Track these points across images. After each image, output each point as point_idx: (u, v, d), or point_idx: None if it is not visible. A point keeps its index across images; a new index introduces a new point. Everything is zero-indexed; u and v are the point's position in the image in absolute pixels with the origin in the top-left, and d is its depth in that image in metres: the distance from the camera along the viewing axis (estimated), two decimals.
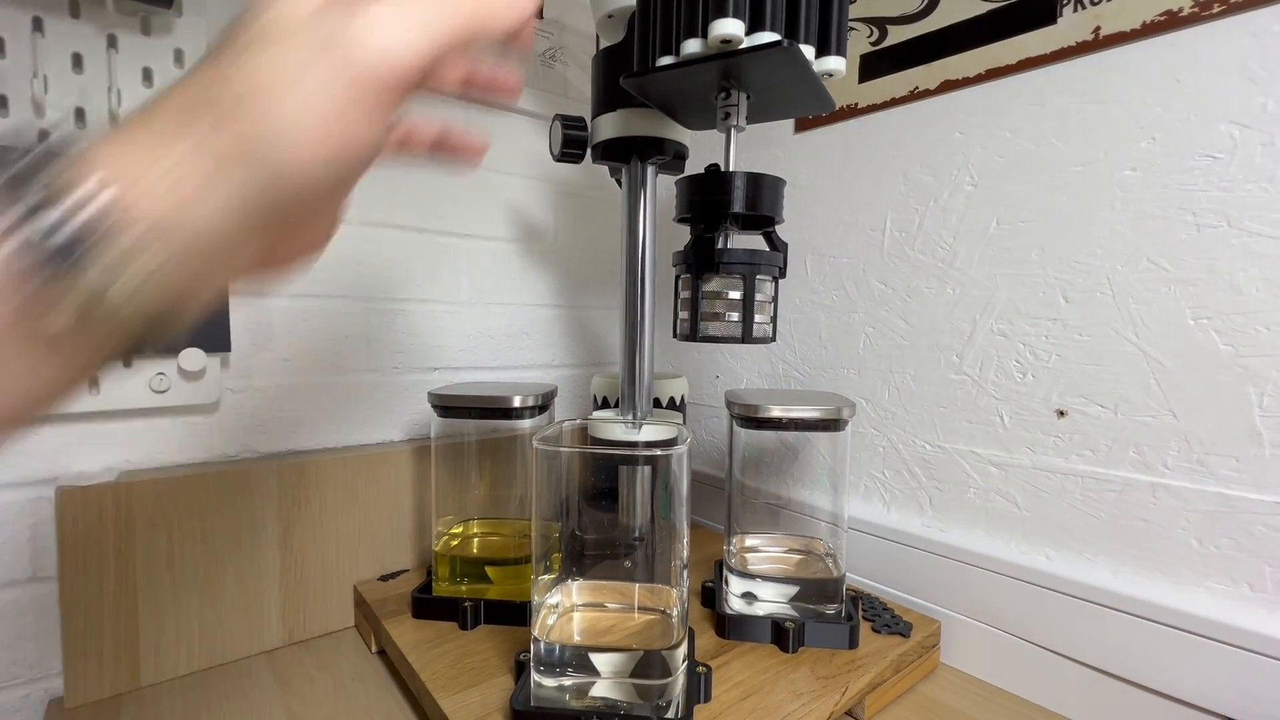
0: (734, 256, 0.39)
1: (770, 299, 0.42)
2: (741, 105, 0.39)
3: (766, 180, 0.40)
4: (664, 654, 0.39)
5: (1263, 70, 0.40)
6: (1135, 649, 0.44)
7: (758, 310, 0.40)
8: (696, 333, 0.41)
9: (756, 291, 0.40)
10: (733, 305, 0.40)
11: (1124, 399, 0.46)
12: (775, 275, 0.41)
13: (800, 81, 0.37)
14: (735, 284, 0.40)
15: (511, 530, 0.58)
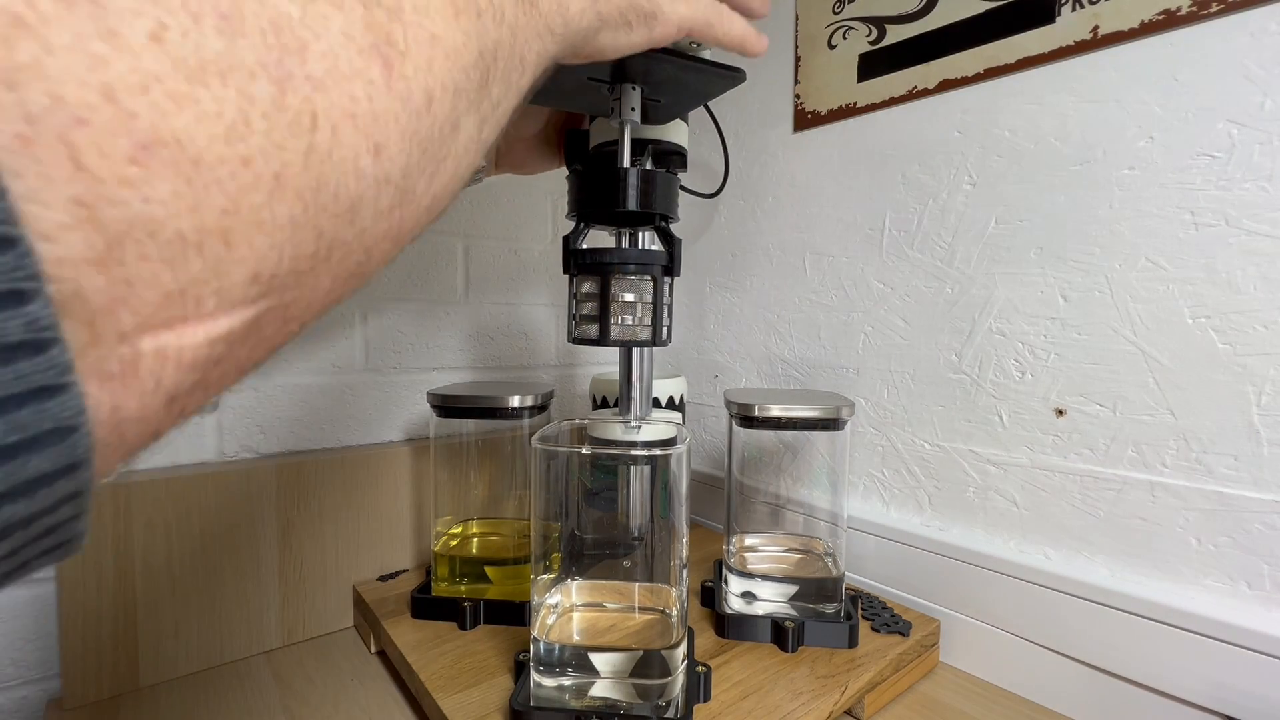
0: (590, 257, 0.37)
1: (645, 300, 0.39)
2: (627, 98, 0.37)
3: (659, 177, 0.38)
4: (663, 654, 0.39)
5: (1261, 69, 0.40)
6: (1133, 647, 0.44)
7: (624, 311, 0.38)
8: (569, 334, 0.40)
9: (627, 292, 0.38)
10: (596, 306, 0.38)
11: (1122, 398, 0.46)
12: (655, 275, 0.38)
13: (684, 69, 0.34)
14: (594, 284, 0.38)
15: (511, 530, 0.58)
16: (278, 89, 0.12)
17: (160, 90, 0.10)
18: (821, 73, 0.65)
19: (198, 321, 0.12)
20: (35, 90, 0.09)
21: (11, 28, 0.09)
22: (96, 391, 0.10)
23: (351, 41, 0.13)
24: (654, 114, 0.41)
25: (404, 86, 0.15)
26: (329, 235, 0.14)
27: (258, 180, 0.12)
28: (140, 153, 0.10)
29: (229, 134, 0.11)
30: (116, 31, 0.10)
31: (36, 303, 0.09)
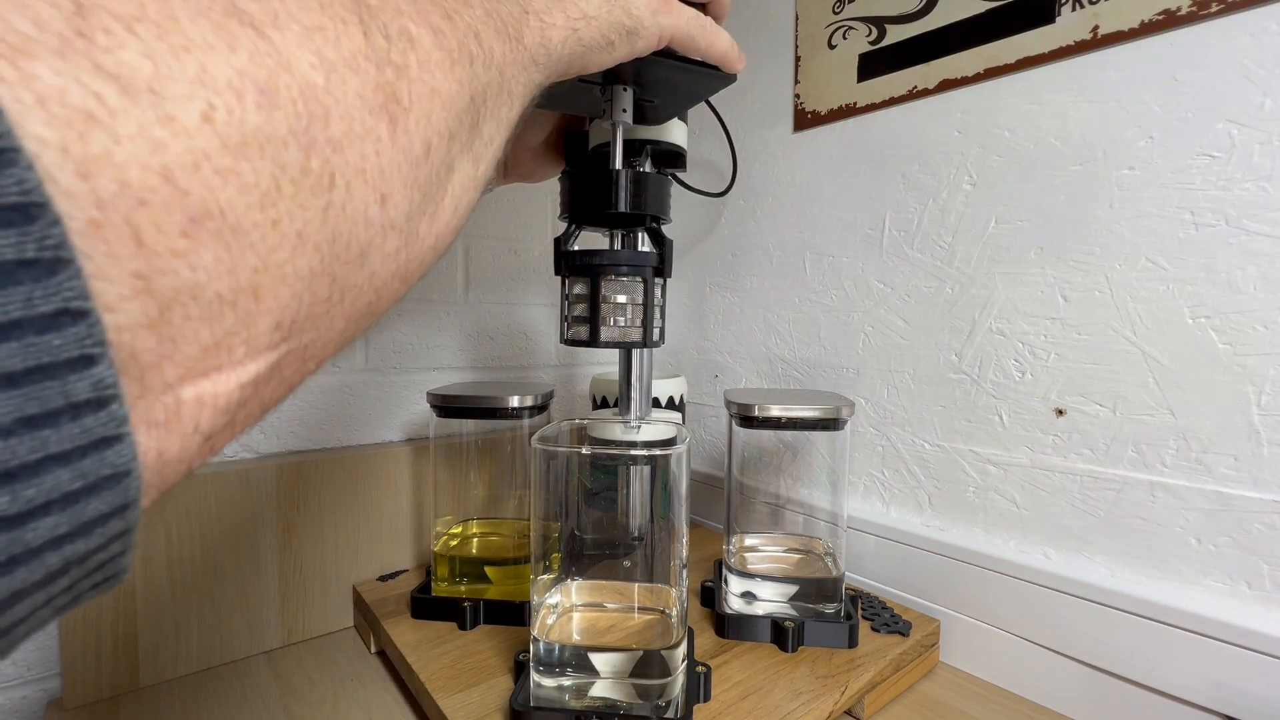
0: (581, 258, 0.37)
1: (636, 301, 0.39)
2: (618, 99, 0.37)
3: (650, 179, 0.38)
4: (663, 654, 0.39)
5: (1260, 69, 0.40)
6: (1133, 647, 0.44)
7: (615, 313, 0.38)
8: (561, 335, 0.40)
9: (618, 293, 0.38)
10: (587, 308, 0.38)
11: (1122, 398, 0.46)
12: (646, 276, 0.38)
13: (674, 70, 0.34)
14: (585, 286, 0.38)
15: (510, 530, 0.58)
16: (304, 155, 0.13)
17: (209, 167, 0.11)
18: (821, 73, 0.65)
19: (230, 369, 0.13)
20: (105, 178, 0.10)
21: (85, 123, 0.09)
22: (144, 438, 0.11)
23: (364, 102, 0.14)
24: (649, 114, 0.41)
25: (406, 140, 0.16)
26: (342, 280, 0.15)
27: (284, 239, 0.13)
28: (190, 226, 0.11)
29: (263, 201, 0.12)
30: (174, 116, 0.11)
31: (101, 365, 0.10)
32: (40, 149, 0.09)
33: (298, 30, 0.13)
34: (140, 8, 0.10)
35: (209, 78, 0.11)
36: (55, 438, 0.09)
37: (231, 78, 0.12)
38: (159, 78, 0.10)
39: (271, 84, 0.12)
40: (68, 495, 0.10)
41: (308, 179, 0.13)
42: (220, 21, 0.12)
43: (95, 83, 0.10)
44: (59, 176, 0.09)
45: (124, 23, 0.10)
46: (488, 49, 0.19)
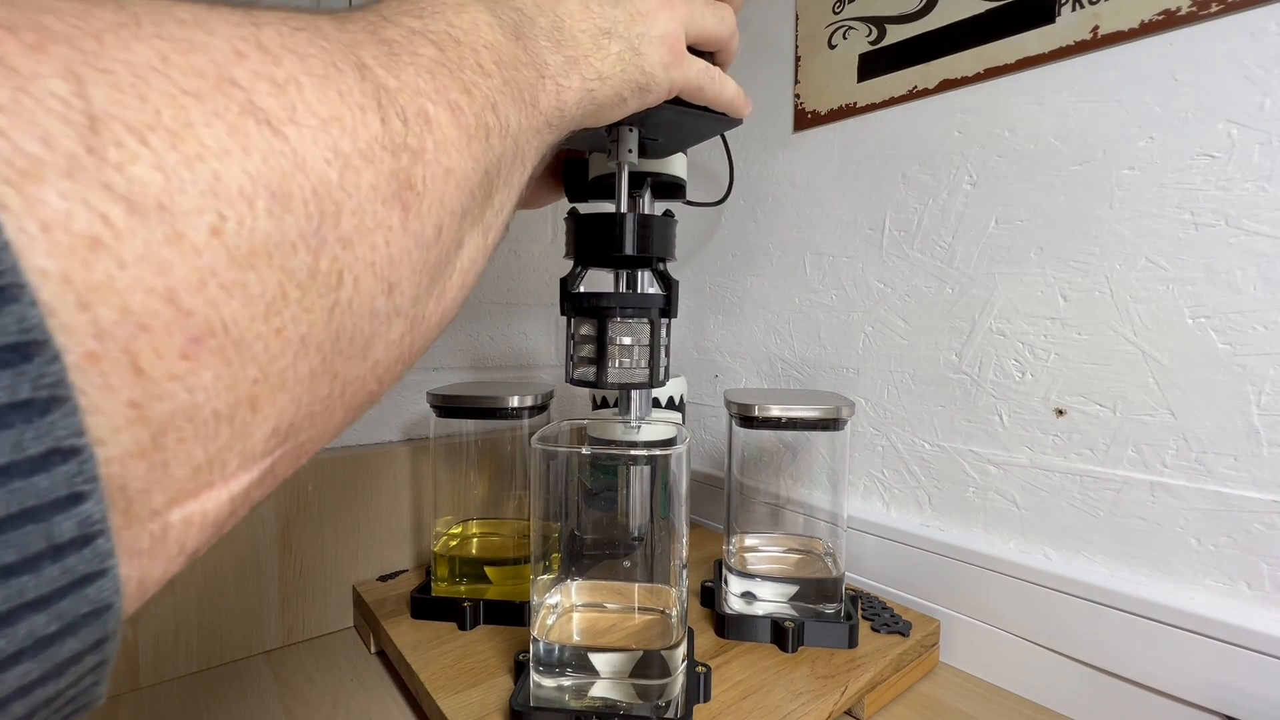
0: (588, 300, 0.37)
1: (642, 343, 0.39)
2: (624, 139, 0.37)
3: (656, 222, 0.38)
4: (663, 654, 0.39)
5: (1260, 69, 0.40)
6: (1133, 647, 0.44)
7: (622, 354, 0.38)
8: (566, 375, 0.40)
9: (624, 335, 0.38)
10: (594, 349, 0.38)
11: (1122, 398, 0.46)
12: (653, 317, 0.39)
13: (681, 114, 0.35)
14: (591, 327, 0.38)
15: (510, 530, 0.58)
16: (313, 257, 0.13)
17: (215, 283, 0.11)
18: (821, 73, 0.65)
19: (221, 484, 0.12)
20: (106, 307, 0.09)
21: (89, 249, 0.09)
22: (127, 568, 0.11)
23: (378, 193, 0.14)
24: (652, 151, 0.41)
25: (418, 225, 0.16)
26: (343, 375, 0.14)
27: (286, 345, 0.12)
28: (191, 346, 0.11)
29: (268, 310, 0.12)
30: (182, 234, 0.10)
31: (90, 501, 0.09)
32: (42, 281, 0.09)
33: (314, 124, 0.13)
34: (155, 115, 0.10)
35: (221, 186, 0.11)
36: (34, 583, 0.09)
37: (244, 184, 0.11)
38: (169, 192, 0.10)
39: (284, 187, 0.12)
40: (42, 640, 0.09)
41: (315, 281, 0.13)
42: (236, 122, 0.11)
43: (103, 204, 0.09)
44: (59, 309, 0.09)
45: (137, 134, 0.10)
46: (504, 119, 0.19)
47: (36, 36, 0.09)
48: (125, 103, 0.10)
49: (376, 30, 0.16)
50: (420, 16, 0.18)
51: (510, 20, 0.21)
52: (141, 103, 0.10)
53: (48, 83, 0.09)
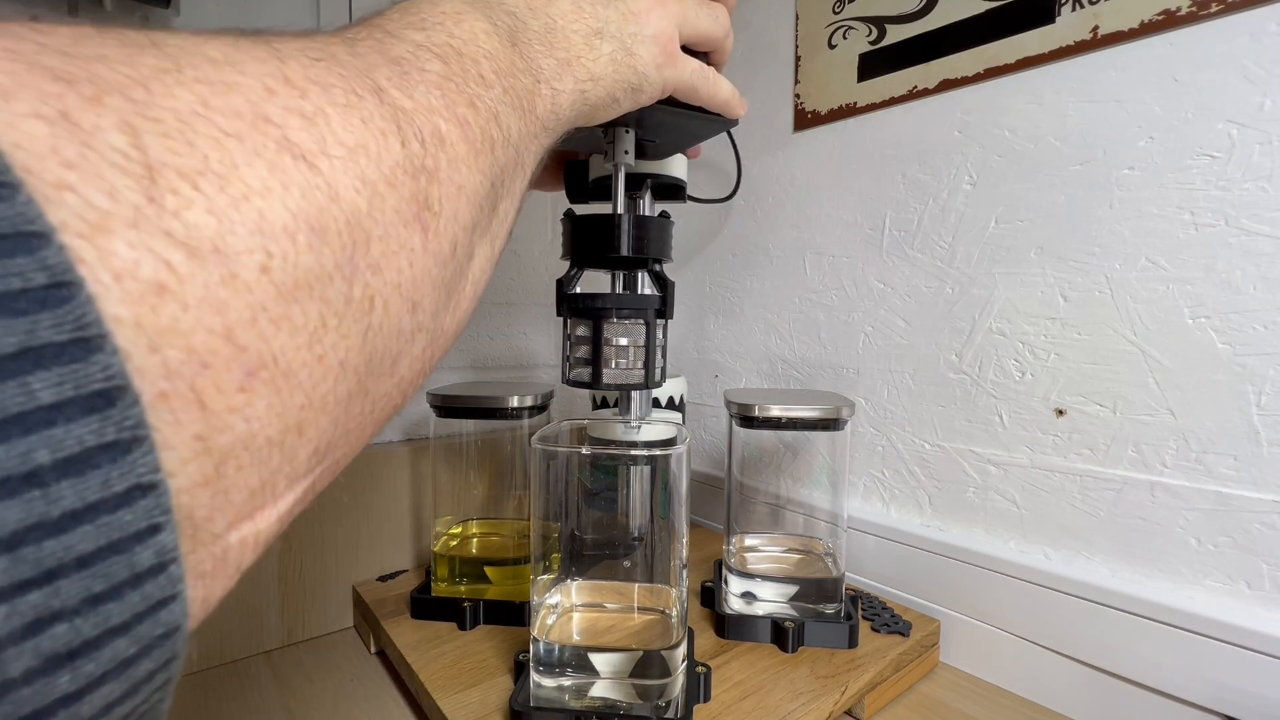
0: (583, 301, 0.38)
1: (638, 344, 0.39)
2: (621, 141, 0.37)
3: (652, 223, 0.38)
4: (663, 654, 0.39)
5: (1260, 69, 0.40)
6: (1133, 647, 0.44)
7: (617, 355, 0.38)
8: (563, 376, 0.40)
9: (620, 336, 0.38)
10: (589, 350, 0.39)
11: (1122, 398, 0.46)
12: (648, 319, 0.39)
13: (677, 115, 0.35)
14: (587, 328, 0.38)
15: (510, 530, 0.58)
16: (348, 285, 0.13)
17: (265, 318, 0.11)
18: (821, 72, 0.65)
19: (272, 505, 0.13)
20: (174, 348, 0.10)
21: (156, 295, 0.10)
22: (192, 590, 0.11)
23: (400, 216, 0.15)
24: (650, 151, 0.41)
25: (436, 244, 0.16)
26: (374, 393, 0.15)
27: (328, 371, 0.13)
28: (247, 380, 0.11)
29: (311, 340, 0.12)
30: (236, 274, 0.11)
31: (165, 531, 0.10)
32: (118, 328, 0.09)
33: (343, 154, 0.13)
34: (204, 160, 0.11)
35: (266, 224, 0.11)
36: (118, 610, 0.09)
37: (287, 221, 0.12)
38: (222, 234, 0.11)
39: (321, 220, 0.12)
40: (123, 662, 0.10)
41: (350, 308, 0.13)
42: (274, 159, 0.12)
43: (166, 251, 0.10)
44: (133, 353, 0.09)
45: (189, 179, 0.10)
46: (506, 129, 0.19)
47: (93, 89, 0.10)
48: (176, 150, 0.10)
49: (385, 48, 0.17)
50: (423, 28, 0.18)
51: (505, 26, 0.21)
52: (190, 148, 0.11)
53: (108, 136, 0.10)
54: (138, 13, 0.52)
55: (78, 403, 0.09)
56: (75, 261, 0.09)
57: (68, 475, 0.09)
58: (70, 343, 0.09)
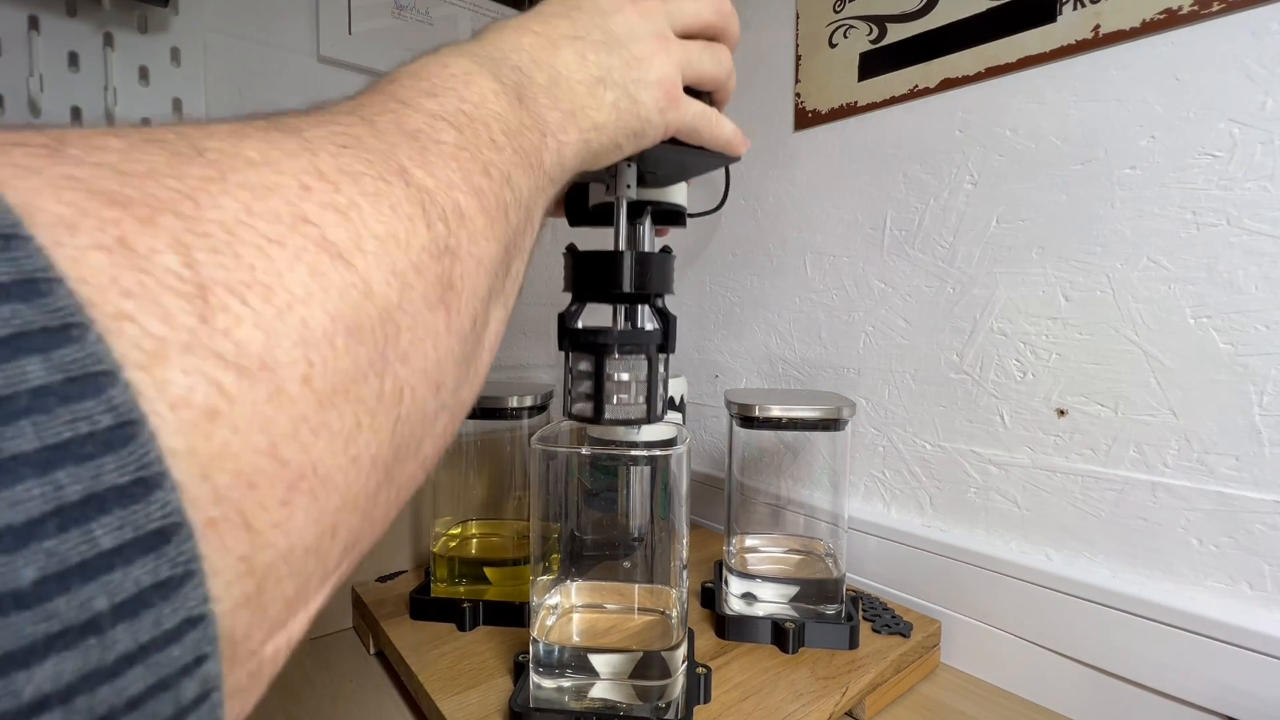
0: (585, 337, 0.38)
1: (640, 379, 0.39)
2: (623, 174, 0.37)
3: (654, 259, 0.38)
4: (663, 655, 0.39)
5: (1262, 68, 0.40)
6: (1135, 648, 0.43)
7: (619, 391, 0.38)
8: (565, 409, 0.40)
9: (622, 371, 0.38)
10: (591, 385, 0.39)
11: (1124, 398, 0.46)
12: (650, 354, 0.39)
13: (679, 152, 0.35)
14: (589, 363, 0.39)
15: (510, 531, 0.57)
16: (380, 381, 0.13)
17: (306, 428, 0.11)
18: (822, 72, 0.65)
19: (304, 609, 0.13)
20: (223, 472, 0.10)
21: (209, 421, 0.10)
22: (228, 708, 0.11)
23: (426, 302, 0.15)
24: (651, 180, 0.41)
25: (459, 323, 0.16)
26: (399, 480, 0.15)
27: (360, 470, 0.13)
28: (288, 493, 0.11)
29: (346, 443, 0.12)
30: (281, 388, 0.11)
31: (210, 660, 0.10)
32: (173, 460, 0.09)
33: (375, 247, 0.13)
34: (251, 271, 0.11)
35: (308, 332, 0.11)
36: None
37: (326, 325, 0.12)
38: (269, 348, 0.11)
39: (357, 320, 0.12)
40: None
41: (381, 404, 0.13)
42: (314, 262, 0.12)
43: (218, 373, 0.10)
44: (187, 484, 0.09)
45: (238, 294, 0.10)
46: (517, 191, 0.19)
47: (147, 210, 0.10)
48: (225, 264, 0.11)
49: (402, 121, 0.17)
50: (434, 95, 0.18)
51: (512, 83, 0.22)
52: (237, 260, 0.11)
53: (163, 258, 0.10)
54: (136, 11, 0.52)
55: (137, 544, 0.09)
56: (137, 397, 0.09)
57: (123, 619, 0.08)
58: (132, 483, 0.09)
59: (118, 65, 0.52)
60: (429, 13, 0.71)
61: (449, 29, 0.73)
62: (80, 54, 0.50)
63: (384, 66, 0.68)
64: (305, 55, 0.64)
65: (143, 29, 0.53)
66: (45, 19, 0.49)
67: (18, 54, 0.48)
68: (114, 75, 0.52)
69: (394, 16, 0.69)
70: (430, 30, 0.71)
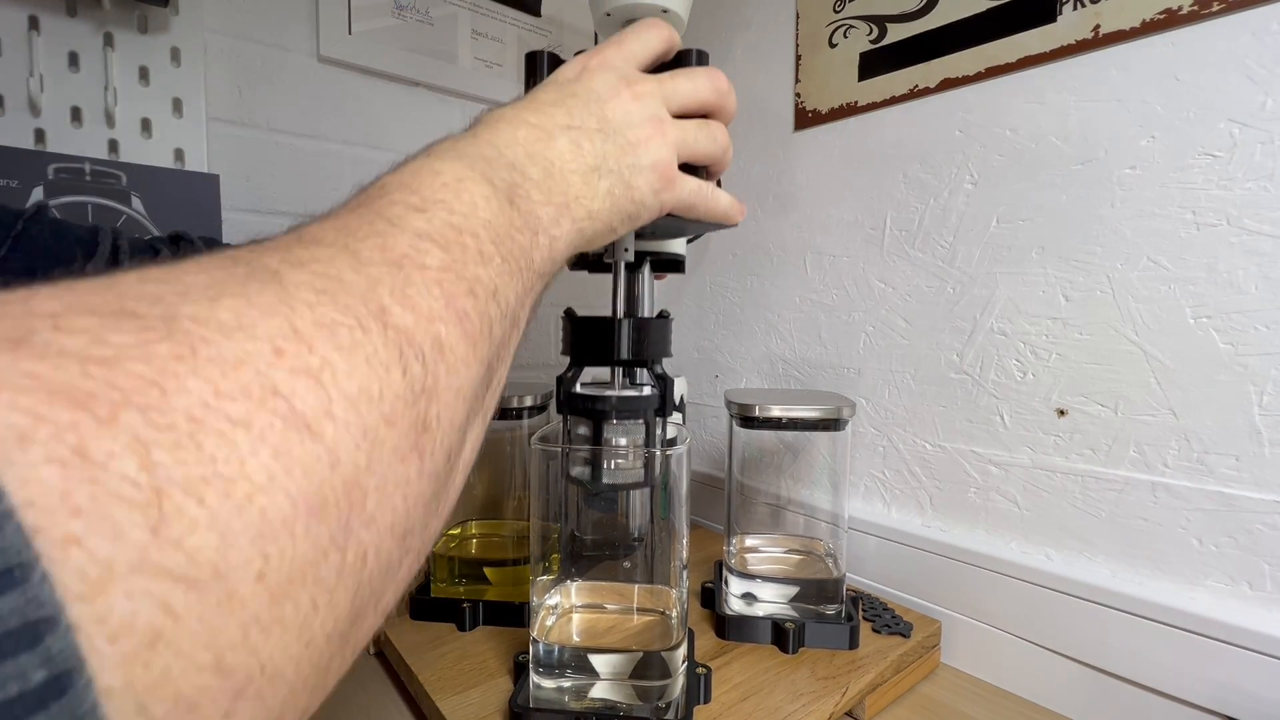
0: (584, 403, 0.38)
1: (637, 443, 0.40)
2: (619, 240, 0.38)
3: (653, 325, 0.39)
4: (663, 655, 0.39)
5: (1262, 69, 0.40)
6: (1135, 648, 0.43)
7: (617, 455, 0.39)
8: (563, 470, 0.41)
9: (620, 436, 0.39)
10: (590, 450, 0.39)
11: (1124, 398, 0.46)
12: (648, 419, 0.39)
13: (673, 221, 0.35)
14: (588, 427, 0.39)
15: (510, 531, 0.57)
16: (341, 555, 0.12)
17: (256, 629, 0.11)
18: (822, 71, 0.65)
19: None
20: (162, 702, 0.09)
21: (149, 648, 0.09)
22: None
23: (398, 453, 0.14)
24: (648, 235, 0.42)
25: (432, 464, 0.15)
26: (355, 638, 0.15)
27: (313, 651, 0.12)
28: (233, 703, 0.10)
29: (300, 631, 0.12)
30: (233, 592, 0.10)
31: None
32: (109, 699, 0.09)
33: (345, 409, 0.13)
34: (211, 464, 0.10)
35: (267, 524, 0.11)
36: None
37: (286, 512, 0.11)
38: (223, 550, 0.10)
39: (320, 496, 0.12)
40: None
41: (342, 578, 0.13)
42: (280, 441, 0.11)
43: (165, 591, 0.09)
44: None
45: (196, 494, 0.10)
46: (503, 303, 0.19)
47: (109, 407, 0.10)
48: (185, 460, 0.10)
49: (387, 246, 0.16)
50: (424, 210, 0.18)
51: (504, 183, 0.21)
52: (198, 453, 0.10)
53: (120, 463, 0.09)
54: (136, 11, 0.52)
55: None
56: (76, 638, 0.08)
57: None
58: None
59: (118, 65, 0.52)
60: (429, 13, 0.71)
61: (449, 29, 0.73)
62: (80, 54, 0.50)
63: (384, 67, 0.68)
64: (305, 55, 0.64)
65: (143, 29, 0.53)
66: (45, 19, 0.49)
67: (18, 54, 0.48)
68: (114, 75, 0.52)
69: (394, 16, 0.69)
70: (430, 30, 0.71)
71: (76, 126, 0.51)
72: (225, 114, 0.60)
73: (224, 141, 0.60)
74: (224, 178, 0.59)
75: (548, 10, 0.80)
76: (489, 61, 0.76)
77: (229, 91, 0.60)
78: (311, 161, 0.65)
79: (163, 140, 0.55)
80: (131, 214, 0.54)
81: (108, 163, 0.53)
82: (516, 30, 0.78)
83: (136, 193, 0.54)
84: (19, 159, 0.49)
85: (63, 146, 0.51)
